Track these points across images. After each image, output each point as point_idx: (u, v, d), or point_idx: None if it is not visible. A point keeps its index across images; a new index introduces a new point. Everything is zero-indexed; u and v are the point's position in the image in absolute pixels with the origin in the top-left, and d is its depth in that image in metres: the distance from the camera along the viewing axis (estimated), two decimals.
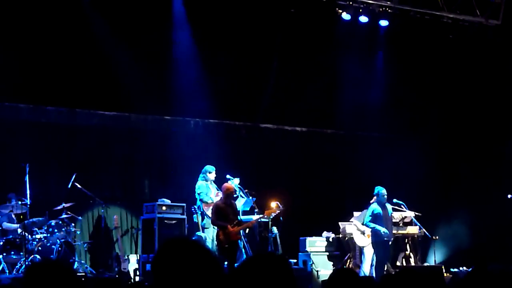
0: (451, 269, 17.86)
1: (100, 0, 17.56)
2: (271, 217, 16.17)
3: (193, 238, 16.31)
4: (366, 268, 16.90)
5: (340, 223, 18.38)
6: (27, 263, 14.72)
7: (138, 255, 17.19)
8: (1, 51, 16.69)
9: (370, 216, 16.18)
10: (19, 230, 15.47)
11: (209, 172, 16.88)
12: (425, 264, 18.60)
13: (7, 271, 14.85)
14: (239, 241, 15.51)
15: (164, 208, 16.86)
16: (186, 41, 18.90)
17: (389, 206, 16.50)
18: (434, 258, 17.80)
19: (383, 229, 15.96)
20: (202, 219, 16.55)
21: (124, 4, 17.66)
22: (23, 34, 16.85)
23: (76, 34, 17.42)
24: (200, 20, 18.52)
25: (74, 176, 16.73)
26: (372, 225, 16.08)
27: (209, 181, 16.86)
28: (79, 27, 17.37)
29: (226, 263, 14.62)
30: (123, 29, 17.82)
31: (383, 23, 19.17)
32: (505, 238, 19.89)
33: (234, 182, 16.52)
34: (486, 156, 21.04)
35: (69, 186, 16.72)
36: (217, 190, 16.57)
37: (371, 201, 16.56)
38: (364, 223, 16.46)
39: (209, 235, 16.30)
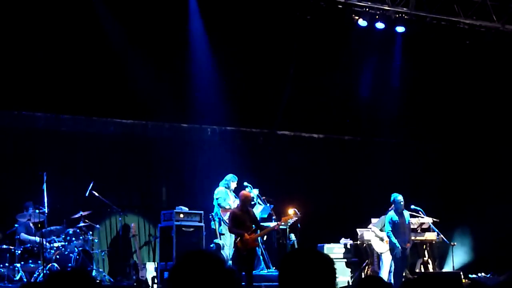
0: (470, 275, 17.78)
1: (117, 9, 17.59)
2: (289, 223, 16.12)
3: (211, 245, 16.33)
4: (384, 274, 16.84)
5: (358, 229, 18.33)
6: (45, 271, 14.74)
7: (156, 263, 17.18)
8: (18, 60, 16.78)
9: (389, 224, 16.13)
10: (37, 239, 15.49)
11: (232, 181, 16.92)
12: (444, 270, 18.53)
13: (25, 280, 14.85)
14: (257, 248, 15.46)
15: (181, 215, 16.82)
16: (202, 49, 18.92)
17: (406, 213, 16.44)
18: (453, 264, 17.70)
19: (399, 249, 15.96)
20: (219, 225, 16.54)
21: (142, 13, 17.69)
22: (39, 43, 16.90)
23: (93, 43, 17.48)
24: (216, 28, 18.53)
25: (91, 184, 16.76)
26: (393, 240, 16.04)
27: (230, 189, 16.90)
28: (96, 35, 17.41)
29: (244, 272, 14.53)
30: (140, 37, 17.87)
31: (400, 29, 19.11)
32: None
33: (253, 192, 16.52)
34: (505, 161, 20.91)
35: (87, 194, 16.73)
36: (236, 198, 16.56)
37: (390, 208, 16.52)
38: (385, 232, 16.40)
39: (226, 241, 16.27)
